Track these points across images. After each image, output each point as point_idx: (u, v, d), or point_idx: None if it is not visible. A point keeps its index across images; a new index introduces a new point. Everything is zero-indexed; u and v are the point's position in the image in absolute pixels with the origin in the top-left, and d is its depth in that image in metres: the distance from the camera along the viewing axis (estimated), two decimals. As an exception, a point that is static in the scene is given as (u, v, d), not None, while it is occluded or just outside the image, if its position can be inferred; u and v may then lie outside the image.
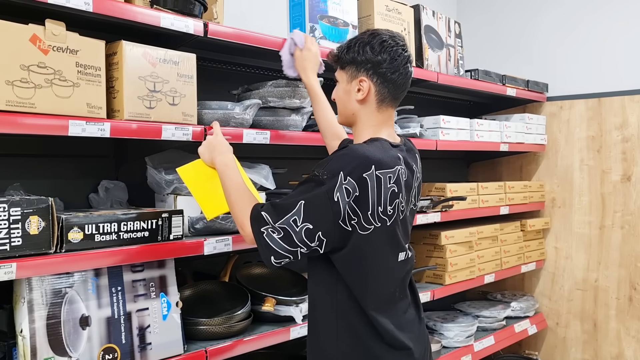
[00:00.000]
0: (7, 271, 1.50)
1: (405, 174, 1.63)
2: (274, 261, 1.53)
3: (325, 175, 1.51)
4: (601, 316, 3.48)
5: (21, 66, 1.55)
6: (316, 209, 1.50)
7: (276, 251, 1.52)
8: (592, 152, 3.52)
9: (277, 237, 1.51)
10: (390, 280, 1.64)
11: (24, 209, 1.55)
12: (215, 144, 1.80)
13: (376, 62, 1.62)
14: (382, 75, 1.63)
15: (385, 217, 1.56)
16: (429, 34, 2.95)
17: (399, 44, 1.65)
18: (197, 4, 1.99)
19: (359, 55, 1.64)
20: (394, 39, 1.65)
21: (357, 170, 1.50)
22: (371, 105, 1.67)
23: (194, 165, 1.83)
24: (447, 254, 2.93)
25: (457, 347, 3.02)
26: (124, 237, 1.77)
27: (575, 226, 3.59)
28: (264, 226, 1.53)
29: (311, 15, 2.40)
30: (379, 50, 1.62)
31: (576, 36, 3.57)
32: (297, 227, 1.50)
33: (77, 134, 1.64)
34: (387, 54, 1.62)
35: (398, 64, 1.63)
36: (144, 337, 1.83)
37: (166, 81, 1.87)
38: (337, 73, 1.73)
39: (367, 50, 1.63)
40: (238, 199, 1.66)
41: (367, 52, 1.63)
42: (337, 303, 1.60)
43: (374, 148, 1.58)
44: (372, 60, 1.62)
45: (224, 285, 2.28)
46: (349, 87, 1.68)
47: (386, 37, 1.64)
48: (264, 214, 1.54)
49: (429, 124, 2.98)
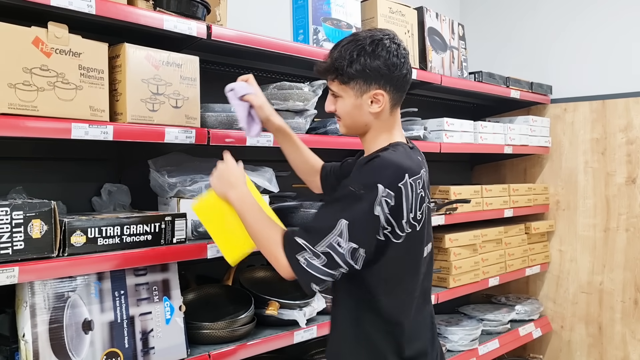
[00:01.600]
0: (9, 275, 1.49)
1: (427, 175, 1.63)
2: (314, 288, 1.47)
3: (362, 190, 1.45)
4: (606, 319, 3.46)
5: (24, 69, 1.55)
6: (361, 227, 1.45)
7: (317, 277, 1.46)
8: (596, 154, 3.50)
9: (317, 263, 1.44)
10: (417, 285, 1.61)
11: (26, 212, 1.54)
12: (227, 175, 1.66)
13: (387, 71, 1.55)
14: (395, 81, 1.58)
15: (415, 222, 1.54)
16: (432, 36, 2.94)
17: (396, 40, 1.59)
18: (200, 7, 1.98)
19: (367, 68, 1.54)
20: (392, 39, 1.58)
21: (393, 180, 1.47)
22: (386, 112, 1.61)
23: (208, 200, 1.70)
24: (451, 257, 2.92)
25: (461, 350, 3.00)
26: (127, 240, 1.76)
27: (579, 229, 3.57)
28: (301, 253, 1.45)
29: (314, 17, 2.39)
30: (386, 57, 1.54)
31: (580, 38, 3.56)
32: (341, 248, 1.44)
33: (79, 137, 1.63)
34: (395, 57, 1.55)
35: (404, 63, 1.59)
36: (147, 341, 1.82)
37: (169, 84, 1.86)
38: (337, 87, 1.60)
39: (374, 61, 1.54)
40: (264, 232, 1.55)
41: (375, 63, 1.54)
42: (364, 316, 1.57)
43: (402, 155, 1.54)
44: (383, 70, 1.54)
45: (228, 289, 2.26)
46: (359, 101, 1.58)
47: (386, 39, 1.56)
48: (298, 240, 1.46)
49: (432, 126, 2.97)
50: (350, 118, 1.63)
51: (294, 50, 2.25)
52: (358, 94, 1.58)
